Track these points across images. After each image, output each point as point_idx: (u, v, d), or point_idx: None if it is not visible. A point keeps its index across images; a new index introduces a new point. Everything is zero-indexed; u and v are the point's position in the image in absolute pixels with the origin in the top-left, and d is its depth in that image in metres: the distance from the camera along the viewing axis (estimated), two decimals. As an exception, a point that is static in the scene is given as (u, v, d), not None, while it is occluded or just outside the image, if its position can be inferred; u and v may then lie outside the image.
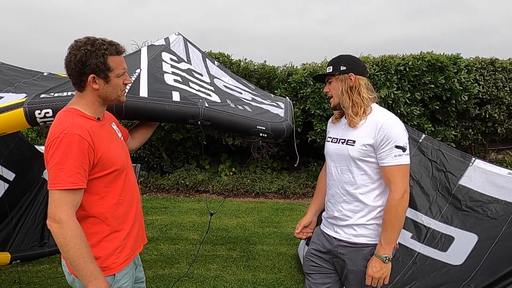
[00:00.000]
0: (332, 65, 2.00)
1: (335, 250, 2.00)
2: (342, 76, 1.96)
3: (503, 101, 6.84)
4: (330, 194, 2.07)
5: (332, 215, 2.04)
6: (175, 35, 2.93)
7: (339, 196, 2.00)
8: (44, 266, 3.76)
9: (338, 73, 1.97)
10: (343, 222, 1.98)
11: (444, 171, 3.15)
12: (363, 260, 1.93)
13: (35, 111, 1.91)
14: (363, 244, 1.94)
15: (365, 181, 1.93)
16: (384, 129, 1.84)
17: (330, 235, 2.05)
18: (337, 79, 1.98)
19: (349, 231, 1.97)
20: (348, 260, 1.96)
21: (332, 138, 2.07)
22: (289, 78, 6.78)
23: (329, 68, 2.00)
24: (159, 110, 2.02)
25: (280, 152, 7.05)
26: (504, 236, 2.76)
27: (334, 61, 2.02)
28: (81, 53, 1.52)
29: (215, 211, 5.46)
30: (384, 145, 1.84)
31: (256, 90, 3.12)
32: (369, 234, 1.94)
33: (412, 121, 6.24)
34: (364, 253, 1.93)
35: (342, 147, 1.96)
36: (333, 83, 2.00)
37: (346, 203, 1.97)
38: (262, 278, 3.62)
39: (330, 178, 2.07)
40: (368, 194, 1.93)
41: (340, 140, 1.99)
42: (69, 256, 1.45)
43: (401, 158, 1.83)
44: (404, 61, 6.23)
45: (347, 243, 1.97)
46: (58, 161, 1.45)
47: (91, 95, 1.60)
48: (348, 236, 1.96)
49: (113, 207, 1.63)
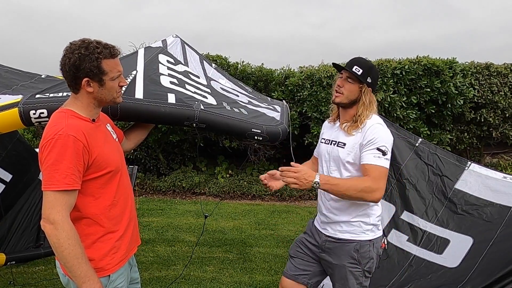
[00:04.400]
0: (362, 68, 1.98)
1: (323, 245, 2.12)
2: (365, 87, 2.00)
3: (498, 105, 6.90)
4: (321, 193, 2.16)
5: (322, 212, 2.15)
6: (173, 37, 2.94)
7: (327, 194, 2.07)
8: (39, 268, 3.74)
9: (364, 81, 1.99)
10: (331, 219, 2.09)
11: (440, 175, 3.17)
12: (347, 255, 2.03)
13: (30, 111, 1.90)
14: (347, 240, 2.04)
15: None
16: (370, 132, 1.95)
17: (320, 231, 2.17)
18: (359, 87, 1.99)
19: (335, 227, 2.08)
20: (334, 255, 2.07)
21: (325, 139, 2.18)
22: (286, 81, 6.80)
23: (358, 69, 1.97)
24: (154, 112, 2.02)
25: (277, 154, 7.06)
26: (499, 239, 2.78)
27: (365, 66, 1.99)
28: (75, 57, 1.52)
29: (211, 213, 5.45)
30: (368, 145, 1.93)
31: (252, 93, 3.13)
32: (353, 231, 2.04)
33: (408, 125, 6.27)
34: (348, 249, 2.03)
35: (333, 148, 2.08)
36: (352, 86, 2.00)
37: (333, 201, 2.07)
38: (259, 280, 3.62)
39: None
40: None
41: (332, 141, 2.11)
42: (63, 257, 1.45)
43: (380, 160, 1.91)
44: (401, 65, 6.26)
45: (334, 239, 2.08)
46: (52, 162, 1.45)
47: (86, 97, 1.60)
48: (335, 232, 2.08)
49: (107, 208, 1.63)
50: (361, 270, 2.03)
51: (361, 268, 2.02)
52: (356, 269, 2.03)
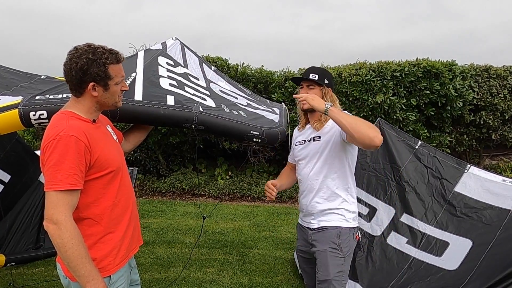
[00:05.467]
0: (318, 74, 2.21)
1: (310, 238, 2.21)
2: (325, 88, 2.22)
3: (498, 107, 6.90)
4: (302, 191, 2.28)
5: (305, 205, 2.25)
6: (172, 40, 2.94)
7: (310, 187, 2.21)
8: (39, 269, 3.74)
9: (323, 84, 2.21)
10: (313, 210, 2.19)
11: (440, 178, 3.18)
12: (329, 240, 2.10)
13: (30, 112, 1.91)
14: (330, 226, 2.12)
15: (330, 170, 2.15)
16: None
17: (305, 227, 2.27)
18: (320, 89, 2.21)
19: (319, 218, 2.17)
20: (317, 243, 2.14)
21: (299, 141, 2.31)
22: (286, 82, 6.80)
23: (314, 76, 2.20)
24: (153, 114, 2.03)
25: (277, 156, 7.06)
26: (498, 242, 2.79)
27: (319, 72, 2.23)
28: (82, 62, 1.54)
29: (209, 215, 5.46)
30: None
31: (252, 95, 3.13)
32: (337, 219, 2.14)
33: (407, 127, 6.28)
34: (331, 234, 2.11)
35: (310, 144, 2.22)
36: (315, 91, 2.21)
37: (316, 192, 2.18)
38: (258, 282, 3.62)
39: (301, 178, 2.28)
40: (333, 182, 2.16)
41: (307, 140, 2.25)
42: (66, 257, 1.45)
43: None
44: (400, 67, 6.27)
45: (318, 229, 2.18)
46: (55, 163, 1.45)
47: (88, 101, 1.62)
48: (319, 223, 2.18)
49: (108, 208, 1.63)
50: (342, 256, 2.09)
51: (342, 255, 2.08)
52: (337, 254, 2.08)
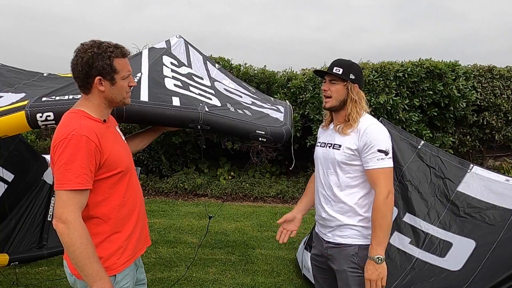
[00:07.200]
0: (342, 68, 1.98)
1: (325, 251, 2.07)
2: (350, 84, 1.99)
3: (501, 108, 6.88)
4: (318, 197, 2.13)
5: (321, 217, 2.11)
6: (176, 38, 2.95)
7: (325, 197, 2.06)
8: (42, 268, 3.75)
9: (348, 80, 1.98)
10: (330, 223, 2.05)
11: (443, 178, 3.17)
12: (346, 260, 1.99)
13: (37, 114, 1.93)
14: (346, 244, 2.00)
15: (349, 184, 1.99)
16: (366, 134, 1.92)
17: (321, 237, 2.13)
18: (344, 85, 1.99)
19: (335, 232, 2.04)
20: (335, 260, 2.03)
21: (321, 143, 2.15)
22: (288, 83, 6.81)
23: (338, 70, 1.97)
24: (159, 114, 2.04)
25: (279, 156, 7.06)
26: (502, 242, 2.78)
27: (345, 65, 1.99)
28: (88, 56, 1.55)
29: (215, 214, 5.46)
30: (367, 149, 1.91)
31: (256, 93, 3.13)
32: (353, 235, 1.99)
33: (410, 127, 6.27)
34: (347, 253, 1.99)
35: (329, 151, 2.04)
36: (338, 87, 1.99)
37: (331, 204, 2.03)
38: (261, 282, 3.62)
39: (318, 181, 2.14)
40: (352, 196, 1.99)
41: (328, 144, 2.07)
42: (74, 257, 1.46)
43: (384, 162, 1.89)
44: (403, 68, 6.26)
45: (334, 244, 2.03)
46: (65, 162, 1.46)
47: (97, 97, 1.63)
48: (334, 237, 2.03)
49: (116, 208, 1.64)
50: (362, 274, 1.95)
51: (362, 272, 1.95)
52: (357, 273, 1.97)
